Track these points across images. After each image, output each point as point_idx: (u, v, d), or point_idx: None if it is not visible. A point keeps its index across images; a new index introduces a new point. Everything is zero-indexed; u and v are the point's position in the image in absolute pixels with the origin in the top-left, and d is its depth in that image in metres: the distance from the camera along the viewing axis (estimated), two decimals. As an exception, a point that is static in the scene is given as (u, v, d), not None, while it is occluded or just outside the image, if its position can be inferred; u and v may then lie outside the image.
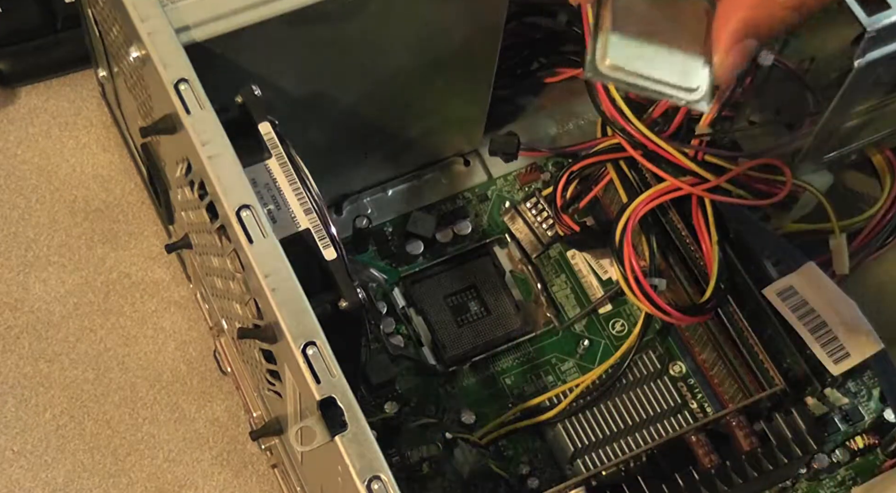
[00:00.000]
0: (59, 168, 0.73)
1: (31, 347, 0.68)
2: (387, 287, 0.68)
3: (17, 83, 0.75)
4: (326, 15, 0.55)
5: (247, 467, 0.66)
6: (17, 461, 0.65)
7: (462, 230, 0.70)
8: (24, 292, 0.69)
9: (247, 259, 0.46)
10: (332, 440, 0.43)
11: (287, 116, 0.52)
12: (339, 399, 0.44)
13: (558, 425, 0.65)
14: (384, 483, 0.42)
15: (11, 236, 0.71)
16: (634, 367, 0.66)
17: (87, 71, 0.75)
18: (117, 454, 0.66)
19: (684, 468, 0.59)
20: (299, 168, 0.50)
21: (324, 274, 0.49)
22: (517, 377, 0.67)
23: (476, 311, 0.69)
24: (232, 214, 0.47)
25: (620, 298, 0.69)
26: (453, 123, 0.70)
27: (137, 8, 0.51)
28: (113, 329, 0.69)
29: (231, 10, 0.53)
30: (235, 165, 0.48)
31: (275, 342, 0.47)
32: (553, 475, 0.64)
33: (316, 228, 0.49)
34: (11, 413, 0.66)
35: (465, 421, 0.65)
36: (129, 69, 0.56)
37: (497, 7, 0.61)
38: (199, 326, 0.69)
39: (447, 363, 0.67)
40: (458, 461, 0.63)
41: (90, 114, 0.75)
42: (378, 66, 0.61)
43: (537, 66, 0.74)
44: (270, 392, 0.53)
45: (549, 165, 0.73)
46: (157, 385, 0.67)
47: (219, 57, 0.54)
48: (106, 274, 0.70)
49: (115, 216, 0.72)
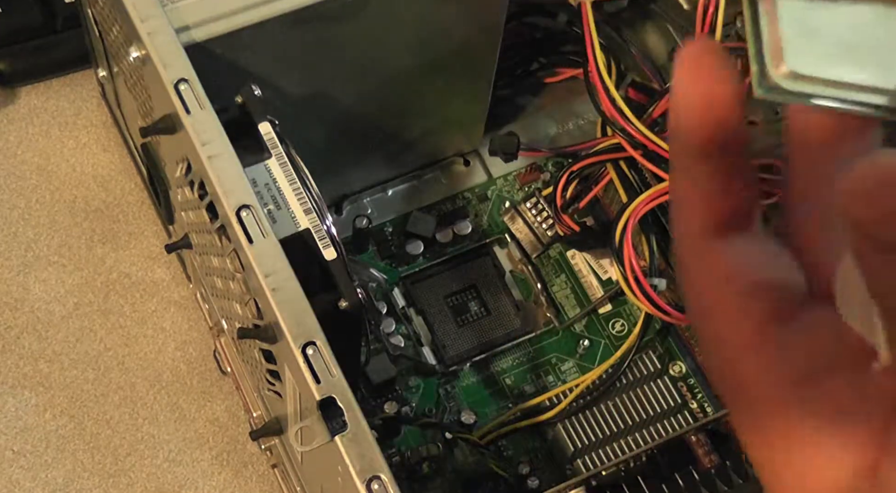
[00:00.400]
0: (59, 168, 0.73)
1: (31, 347, 0.68)
2: (387, 287, 0.68)
3: (17, 83, 0.75)
4: (326, 15, 0.55)
5: (247, 467, 0.66)
6: (17, 461, 0.65)
7: (462, 230, 0.70)
8: (24, 292, 0.69)
9: (247, 259, 0.46)
10: (332, 440, 0.43)
11: (287, 116, 0.52)
12: (339, 399, 0.44)
13: (558, 425, 0.65)
14: (384, 483, 0.42)
15: (11, 236, 0.71)
16: (634, 367, 0.66)
17: (87, 71, 0.75)
18: (117, 454, 0.66)
19: (684, 468, 0.59)
20: (299, 168, 0.50)
21: (324, 274, 0.49)
22: (517, 377, 0.67)
23: (476, 311, 0.69)
24: (232, 214, 0.47)
25: (620, 298, 0.69)
26: (453, 123, 0.70)
27: (137, 8, 0.51)
28: (113, 329, 0.69)
29: (231, 10, 0.53)
30: (235, 165, 0.48)
31: (275, 342, 0.47)
32: (553, 475, 0.64)
33: (316, 228, 0.49)
34: (11, 413, 0.66)
35: (465, 421, 0.65)
36: (129, 69, 0.56)
37: (497, 7, 0.61)
38: (199, 326, 0.69)
39: (447, 363, 0.67)
40: (458, 461, 0.63)
41: (90, 114, 0.75)
42: (378, 66, 0.61)
43: (537, 67, 0.74)
44: (270, 392, 0.53)
45: (549, 165, 0.73)
46: (157, 385, 0.67)
47: (219, 57, 0.53)
48: (106, 274, 0.70)
49: (115, 216, 0.72)
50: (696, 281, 0.32)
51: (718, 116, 0.29)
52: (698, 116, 0.29)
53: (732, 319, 0.31)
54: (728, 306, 0.31)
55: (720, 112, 0.29)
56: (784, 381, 0.30)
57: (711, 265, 0.31)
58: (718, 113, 0.29)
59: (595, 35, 0.62)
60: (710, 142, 0.30)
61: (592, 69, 0.63)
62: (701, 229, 0.31)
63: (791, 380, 0.30)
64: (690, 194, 0.31)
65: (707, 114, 0.29)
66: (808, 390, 0.30)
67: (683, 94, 0.29)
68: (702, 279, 0.31)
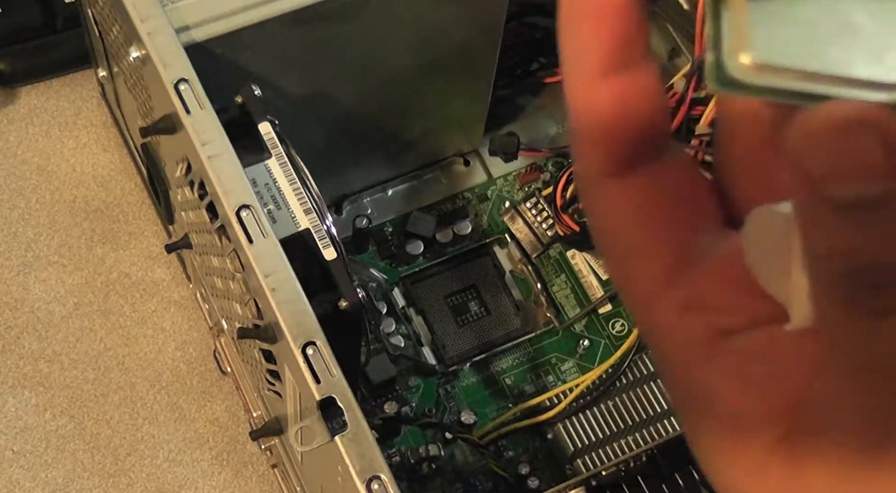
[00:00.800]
0: (59, 168, 0.73)
1: (31, 347, 0.68)
2: (387, 287, 0.68)
3: (17, 83, 0.75)
4: (326, 15, 0.55)
5: (247, 467, 0.66)
6: (17, 461, 0.65)
7: (462, 230, 0.70)
8: (24, 292, 0.69)
9: (247, 259, 0.46)
10: (332, 440, 0.43)
11: (287, 116, 0.52)
12: (339, 399, 0.44)
13: (558, 425, 0.65)
14: (384, 483, 0.42)
15: (11, 236, 0.71)
16: (634, 367, 0.66)
17: (87, 71, 0.75)
18: (117, 454, 0.66)
19: (684, 467, 0.59)
20: (299, 168, 0.50)
21: (324, 274, 0.49)
22: (517, 377, 0.67)
23: (476, 311, 0.69)
24: (232, 214, 0.47)
25: (620, 298, 0.69)
26: (453, 123, 0.70)
27: (137, 8, 0.51)
28: (113, 329, 0.69)
29: (231, 10, 0.53)
30: (235, 165, 0.48)
31: (275, 342, 0.47)
32: (553, 475, 0.64)
33: (316, 228, 0.49)
34: (11, 413, 0.66)
35: (465, 421, 0.65)
36: (129, 69, 0.56)
37: (497, 7, 0.61)
38: (199, 326, 0.69)
39: (447, 363, 0.67)
40: (458, 461, 0.63)
41: (90, 114, 0.75)
42: (378, 67, 0.61)
43: (537, 67, 0.74)
44: (270, 392, 0.53)
45: (549, 165, 0.73)
46: (157, 385, 0.67)
47: (219, 57, 0.53)
48: (106, 274, 0.70)
49: (115, 216, 0.72)
50: (602, 228, 0.29)
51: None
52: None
53: (641, 267, 0.28)
54: (636, 252, 0.28)
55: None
56: (693, 338, 0.27)
57: (616, 206, 0.28)
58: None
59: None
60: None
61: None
62: (599, 169, 0.27)
63: (701, 337, 0.27)
64: (592, 132, 0.27)
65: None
66: (719, 347, 0.27)
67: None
68: (608, 226, 0.28)
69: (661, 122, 0.27)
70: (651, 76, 0.26)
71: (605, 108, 0.26)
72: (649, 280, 0.28)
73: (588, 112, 0.26)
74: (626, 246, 0.28)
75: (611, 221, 0.28)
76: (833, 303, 0.24)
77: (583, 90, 0.26)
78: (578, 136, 0.27)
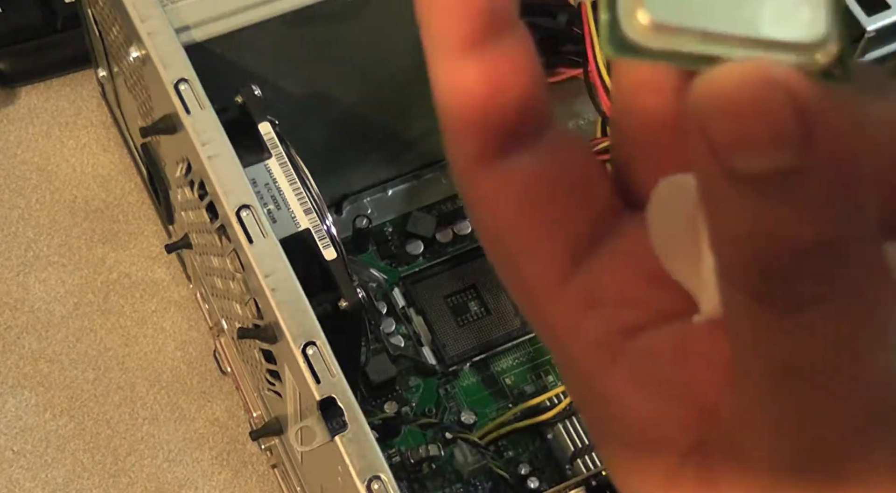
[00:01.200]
0: (59, 168, 0.73)
1: (31, 347, 0.68)
2: (387, 287, 0.68)
3: (17, 83, 0.75)
4: (326, 15, 0.55)
5: (247, 467, 0.66)
6: (17, 461, 0.65)
7: (462, 230, 0.70)
8: (24, 292, 0.69)
9: (247, 259, 0.46)
10: (332, 440, 0.43)
11: (287, 116, 0.52)
12: (339, 399, 0.44)
13: (558, 425, 0.65)
14: (384, 483, 0.42)
15: (11, 236, 0.71)
16: (634, 367, 0.66)
17: (87, 71, 0.75)
18: (117, 454, 0.66)
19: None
20: (299, 168, 0.50)
21: (324, 274, 0.49)
22: (517, 377, 0.67)
23: (476, 311, 0.69)
24: (232, 214, 0.47)
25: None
26: (453, 123, 0.70)
27: (137, 8, 0.51)
28: (113, 329, 0.69)
29: (231, 10, 0.53)
30: (235, 165, 0.48)
31: (275, 342, 0.47)
32: (553, 475, 0.64)
33: (316, 228, 0.49)
34: (11, 413, 0.66)
35: (465, 421, 0.65)
36: (129, 69, 0.56)
37: (497, 7, 0.61)
38: (199, 326, 0.69)
39: (447, 363, 0.67)
40: (458, 461, 0.63)
41: (90, 114, 0.75)
42: (378, 67, 0.61)
43: (537, 66, 0.74)
44: (270, 392, 0.53)
45: (549, 165, 0.73)
46: (157, 385, 0.67)
47: (219, 57, 0.54)
48: (106, 274, 0.70)
49: (115, 216, 0.72)
50: (483, 225, 0.25)
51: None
52: None
53: (531, 266, 0.25)
54: (524, 251, 0.25)
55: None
56: (594, 339, 0.24)
57: (496, 199, 0.24)
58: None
59: (595, 35, 0.62)
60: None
61: (592, 69, 0.63)
62: (473, 157, 0.24)
63: (602, 336, 0.24)
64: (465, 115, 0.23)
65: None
66: (623, 348, 0.24)
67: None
68: (489, 223, 0.25)
69: (538, 96, 0.23)
70: (522, 44, 0.23)
71: (472, 88, 0.22)
72: (541, 280, 0.25)
73: (453, 94, 0.23)
74: (512, 244, 0.25)
75: (492, 216, 0.25)
76: (740, 296, 0.21)
77: (445, 70, 0.22)
78: (446, 121, 0.23)
